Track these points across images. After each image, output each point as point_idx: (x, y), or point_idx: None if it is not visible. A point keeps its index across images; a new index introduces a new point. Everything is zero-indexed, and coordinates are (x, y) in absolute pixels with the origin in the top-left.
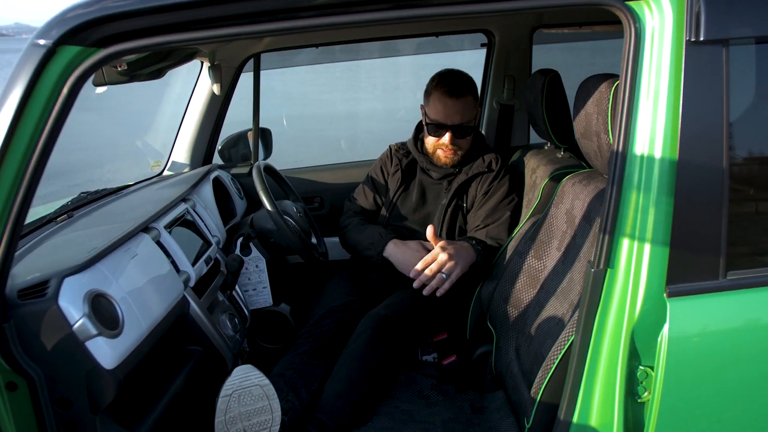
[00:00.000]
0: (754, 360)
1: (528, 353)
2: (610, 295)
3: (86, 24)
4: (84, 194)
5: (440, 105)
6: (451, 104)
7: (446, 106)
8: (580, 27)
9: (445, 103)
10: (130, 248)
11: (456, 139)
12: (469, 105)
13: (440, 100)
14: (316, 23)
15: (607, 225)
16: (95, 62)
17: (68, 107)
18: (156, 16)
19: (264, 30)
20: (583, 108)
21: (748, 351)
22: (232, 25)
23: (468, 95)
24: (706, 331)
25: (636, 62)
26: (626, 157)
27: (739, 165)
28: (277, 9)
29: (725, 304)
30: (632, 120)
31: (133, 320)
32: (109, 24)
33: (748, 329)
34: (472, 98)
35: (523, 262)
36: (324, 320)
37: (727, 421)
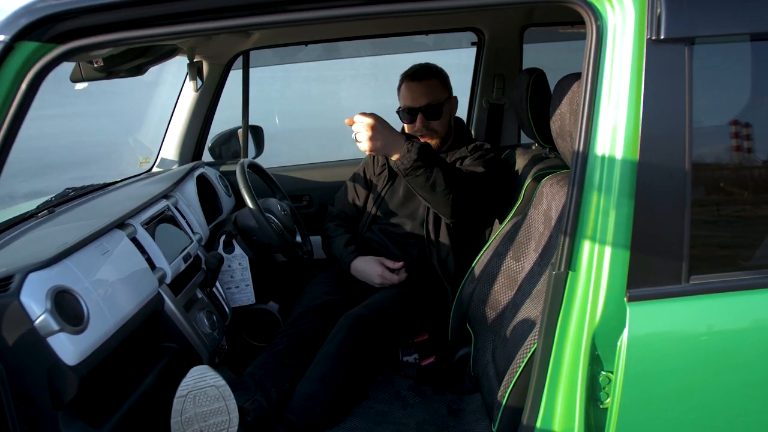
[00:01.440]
0: (714, 366)
1: (503, 356)
2: (571, 299)
3: (44, 20)
4: (68, 190)
5: (406, 91)
6: (414, 87)
7: (411, 90)
8: (573, 26)
9: (410, 87)
10: (102, 244)
11: (428, 120)
12: (434, 87)
13: (406, 87)
14: (280, 19)
15: (568, 226)
16: (54, 58)
17: (27, 103)
18: (114, 12)
19: (226, 26)
20: (558, 107)
21: (709, 357)
22: (192, 22)
23: (432, 78)
24: (666, 336)
25: (597, 61)
26: (587, 157)
27: (702, 166)
28: (236, 5)
29: (687, 309)
30: (593, 120)
31: (99, 316)
32: (68, 20)
33: (710, 335)
34: (438, 82)
35: (501, 263)
36: (301, 319)
37: (688, 427)
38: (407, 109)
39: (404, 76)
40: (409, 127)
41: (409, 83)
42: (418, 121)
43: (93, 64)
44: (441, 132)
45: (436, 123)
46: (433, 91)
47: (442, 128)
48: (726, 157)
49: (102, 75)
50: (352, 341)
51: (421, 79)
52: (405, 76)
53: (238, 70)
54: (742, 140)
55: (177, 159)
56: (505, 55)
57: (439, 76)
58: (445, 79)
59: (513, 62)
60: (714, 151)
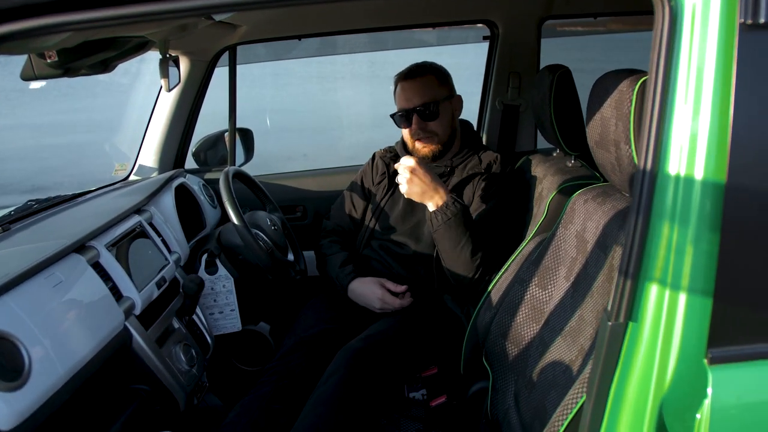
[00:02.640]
0: None
1: (529, 403)
2: (632, 356)
3: None
4: (31, 202)
5: (400, 92)
6: (407, 86)
7: (404, 90)
8: (595, 18)
9: (403, 87)
10: (54, 274)
11: (424, 121)
12: (429, 84)
13: (400, 88)
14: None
15: (630, 267)
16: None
17: None
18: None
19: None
20: (599, 111)
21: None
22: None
23: (426, 75)
24: (762, 409)
25: (671, 53)
26: (656, 177)
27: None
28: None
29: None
30: (665, 128)
31: (45, 366)
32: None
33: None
34: (434, 78)
35: (524, 290)
36: (292, 354)
37: None
38: (401, 111)
39: (398, 77)
40: (406, 131)
41: (403, 83)
42: (413, 122)
43: (46, 58)
44: (442, 135)
45: (434, 124)
46: (429, 89)
47: (442, 130)
48: None
49: (58, 72)
50: (350, 381)
51: (414, 77)
52: (399, 77)
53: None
54: None
55: (156, 166)
56: (522, 51)
57: (435, 72)
58: (443, 75)
59: (530, 59)
60: None
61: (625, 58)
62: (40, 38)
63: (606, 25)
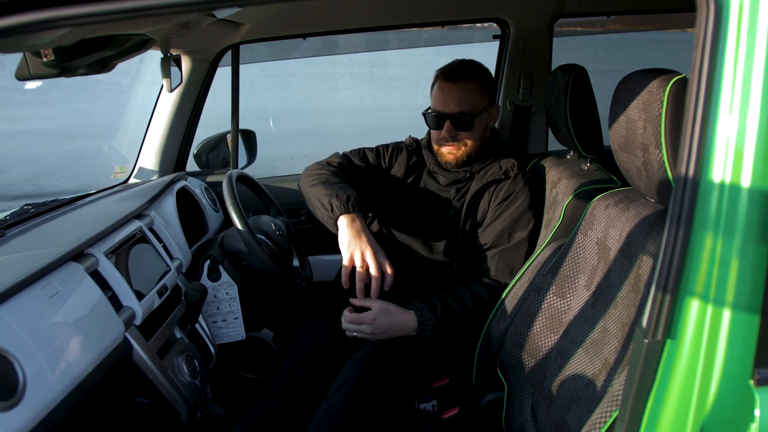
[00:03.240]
0: None
1: (547, 417)
2: (669, 375)
3: None
4: (28, 207)
5: (438, 92)
6: (448, 89)
7: (443, 92)
8: (608, 16)
9: (443, 88)
10: (51, 283)
11: (456, 130)
12: (471, 92)
13: (439, 87)
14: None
15: (669, 281)
16: None
17: None
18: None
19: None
20: (624, 112)
21: None
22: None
23: (471, 81)
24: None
25: (715, 52)
26: (699, 185)
27: None
28: None
29: None
30: (708, 133)
31: (40, 383)
32: None
33: None
34: (478, 86)
35: (541, 299)
36: (299, 365)
37: None
38: (436, 113)
39: (439, 72)
40: (435, 133)
41: (443, 83)
42: (445, 128)
43: (42, 58)
44: (470, 146)
45: (466, 134)
46: (470, 97)
47: (473, 142)
48: None
49: (55, 71)
50: (359, 393)
51: (457, 79)
52: (440, 74)
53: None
54: None
55: (157, 168)
56: (533, 50)
57: (480, 78)
58: (487, 82)
59: (542, 58)
60: None
61: (624, 58)
62: (35, 35)
63: (605, 26)
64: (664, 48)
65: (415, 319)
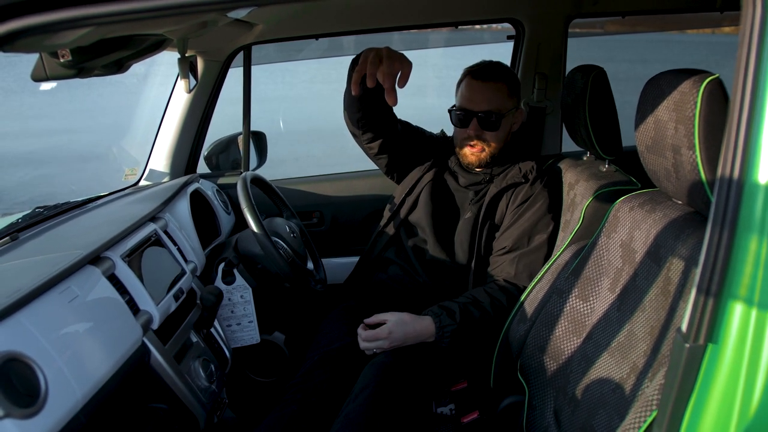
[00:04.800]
0: None
1: (572, 422)
2: (711, 380)
3: None
4: (40, 209)
5: (466, 89)
6: (477, 87)
7: (471, 90)
8: (624, 17)
9: (471, 86)
10: (69, 288)
11: (482, 129)
12: (499, 93)
13: (467, 84)
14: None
15: (712, 285)
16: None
17: None
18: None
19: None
20: (652, 113)
21: None
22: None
23: (500, 82)
24: None
25: (762, 50)
26: (743, 187)
27: None
28: None
29: None
30: (753, 133)
31: (62, 389)
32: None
33: None
34: (506, 87)
35: (563, 302)
36: (316, 370)
37: None
38: (462, 110)
39: (468, 70)
40: (460, 131)
41: (472, 81)
42: (471, 127)
43: (58, 57)
44: (495, 147)
45: (491, 135)
46: (498, 98)
47: (497, 142)
48: None
49: (71, 72)
50: (380, 399)
51: (486, 79)
52: (468, 72)
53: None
54: None
55: (168, 171)
56: (548, 51)
57: (509, 80)
58: (515, 85)
59: (556, 59)
60: None
61: (621, 57)
62: (57, 35)
63: (604, 27)
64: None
65: (433, 325)
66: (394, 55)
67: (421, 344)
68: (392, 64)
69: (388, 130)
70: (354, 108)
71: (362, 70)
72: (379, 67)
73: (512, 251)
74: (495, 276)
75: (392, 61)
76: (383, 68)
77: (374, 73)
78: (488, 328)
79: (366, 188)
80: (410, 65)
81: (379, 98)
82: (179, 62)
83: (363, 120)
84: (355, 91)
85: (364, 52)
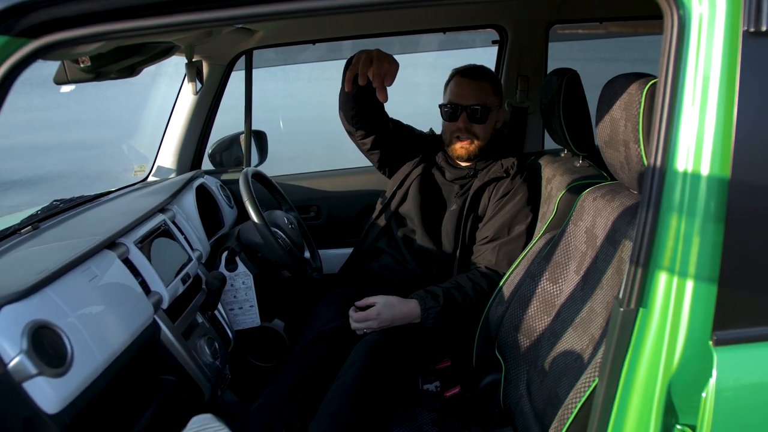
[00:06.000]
0: None
1: (541, 391)
2: (642, 340)
3: (12, 9)
4: (57, 202)
5: (455, 86)
6: (465, 84)
7: (460, 86)
8: (601, 23)
9: (460, 83)
10: (90, 268)
11: (470, 122)
12: (485, 90)
13: (455, 82)
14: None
15: (641, 256)
16: (27, 55)
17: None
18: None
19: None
20: (609, 112)
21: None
22: (189, 12)
23: (485, 81)
24: (763, 387)
25: (679, 58)
26: (665, 174)
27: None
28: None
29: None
30: (673, 128)
31: (85, 354)
32: (42, 9)
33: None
34: (490, 86)
35: (536, 285)
36: (313, 347)
37: None
38: (452, 105)
39: (456, 71)
40: (450, 125)
41: (460, 79)
42: (460, 120)
43: (79, 63)
44: (482, 139)
45: (479, 127)
46: (484, 94)
47: (483, 135)
48: None
49: (90, 76)
50: (369, 372)
51: (473, 77)
52: (457, 71)
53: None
54: None
55: (175, 167)
56: (530, 55)
57: (492, 80)
58: (498, 85)
59: (537, 62)
60: None
61: (626, 57)
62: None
63: (607, 29)
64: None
65: (419, 307)
66: (383, 56)
67: (408, 325)
68: (381, 65)
69: (379, 127)
70: (348, 106)
71: (355, 70)
72: (370, 67)
73: (493, 240)
74: (477, 263)
75: (381, 62)
76: (373, 68)
77: (365, 73)
78: (470, 311)
79: (360, 184)
80: (397, 66)
81: (370, 96)
82: (187, 67)
83: (357, 117)
84: (348, 88)
85: (357, 53)
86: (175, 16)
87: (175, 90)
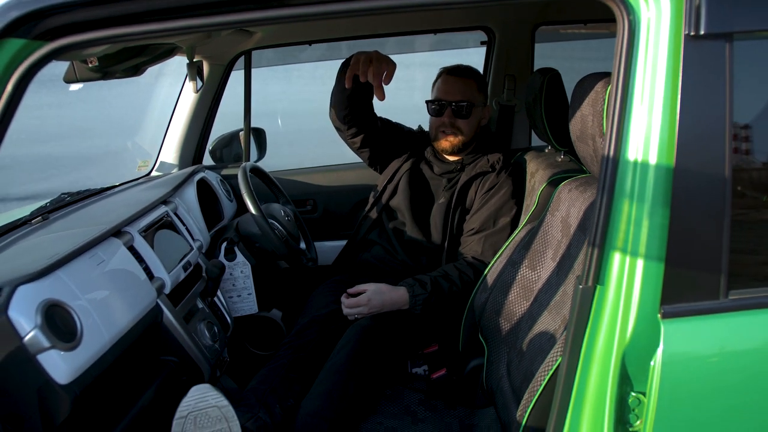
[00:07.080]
0: (756, 387)
1: (518, 370)
2: (599, 315)
3: (30, 15)
4: (64, 195)
5: (442, 83)
6: (451, 81)
7: (446, 83)
8: (585, 24)
9: (446, 80)
10: (97, 254)
11: (455, 117)
12: (470, 87)
13: (442, 80)
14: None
15: (597, 238)
16: (42, 56)
17: (14, 104)
18: (108, 6)
19: (228, 22)
20: (579, 109)
21: (750, 378)
22: (192, 17)
23: (470, 79)
24: (703, 355)
25: (629, 59)
26: (618, 162)
27: (743, 171)
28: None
29: (725, 327)
30: (625, 122)
31: (94, 331)
32: (57, 14)
33: (750, 354)
34: (475, 84)
35: (516, 272)
36: (306, 330)
37: None
38: (438, 100)
39: (443, 69)
40: (436, 120)
41: (447, 77)
42: (445, 115)
43: (87, 63)
44: (466, 134)
45: (463, 122)
46: (468, 91)
47: (468, 130)
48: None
49: (97, 75)
50: (359, 354)
51: (459, 75)
52: (444, 70)
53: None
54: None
55: (177, 162)
56: (516, 55)
57: (477, 79)
58: (482, 84)
59: (524, 62)
60: (756, 155)
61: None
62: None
63: (609, 29)
64: None
65: (407, 294)
66: (381, 57)
67: (397, 311)
68: (380, 65)
69: (369, 126)
70: (341, 105)
71: (355, 69)
72: (369, 67)
73: (479, 232)
74: (464, 254)
75: (380, 62)
76: (372, 68)
77: (365, 72)
78: (457, 298)
79: (355, 179)
80: (395, 66)
81: (363, 96)
82: (188, 67)
83: (348, 117)
84: (349, 84)
85: (356, 54)
86: (177, 21)
87: (177, 89)
